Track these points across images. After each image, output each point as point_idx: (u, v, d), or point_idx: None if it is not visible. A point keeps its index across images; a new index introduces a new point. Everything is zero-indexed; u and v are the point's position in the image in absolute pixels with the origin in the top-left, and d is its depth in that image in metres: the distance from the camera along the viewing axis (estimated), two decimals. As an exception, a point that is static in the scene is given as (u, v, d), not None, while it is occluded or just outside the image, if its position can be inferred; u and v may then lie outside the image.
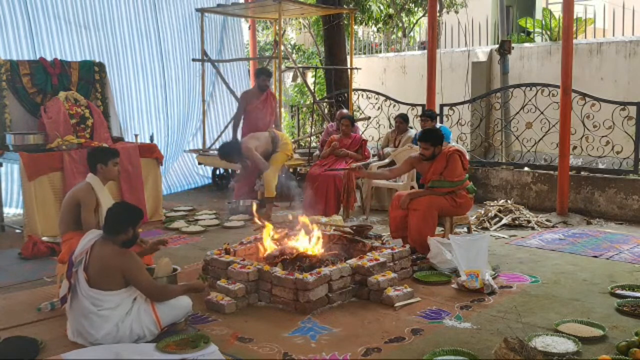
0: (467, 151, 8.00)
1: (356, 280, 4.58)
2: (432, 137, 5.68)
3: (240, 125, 8.36)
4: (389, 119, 10.18)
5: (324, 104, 10.91)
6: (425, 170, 5.75)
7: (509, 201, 7.50)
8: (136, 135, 7.56)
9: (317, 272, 4.36)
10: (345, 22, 11.50)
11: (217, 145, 9.85)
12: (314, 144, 10.16)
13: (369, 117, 10.51)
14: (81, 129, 7.00)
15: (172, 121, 9.45)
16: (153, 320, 3.79)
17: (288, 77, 13.45)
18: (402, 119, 8.31)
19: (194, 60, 9.57)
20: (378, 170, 6.45)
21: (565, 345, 3.59)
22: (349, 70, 10.66)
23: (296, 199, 7.73)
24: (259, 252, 5.11)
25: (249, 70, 10.96)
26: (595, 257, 5.64)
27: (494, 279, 4.83)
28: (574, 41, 8.04)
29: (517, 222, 6.96)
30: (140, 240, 4.69)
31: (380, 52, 15.26)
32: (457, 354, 3.51)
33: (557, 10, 12.54)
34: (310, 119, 11.27)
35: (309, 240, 5.03)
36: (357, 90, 10.96)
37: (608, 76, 10.07)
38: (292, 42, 16.02)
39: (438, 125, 7.94)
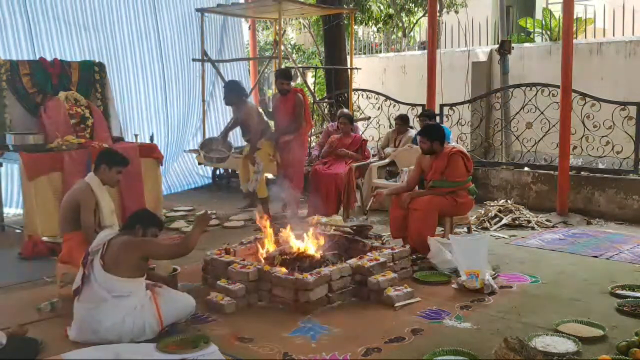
0: (467, 151, 8.00)
1: (356, 280, 4.58)
2: (428, 131, 5.72)
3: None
4: (389, 119, 10.18)
5: (324, 104, 10.91)
6: (427, 169, 5.75)
7: (509, 201, 7.50)
8: (136, 135, 7.55)
9: (317, 272, 4.36)
10: (345, 22, 11.50)
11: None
12: (313, 144, 10.15)
13: (369, 117, 10.51)
14: (81, 129, 6.98)
15: (172, 121, 9.45)
16: (155, 317, 3.80)
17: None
18: (402, 121, 8.29)
19: (194, 60, 9.56)
20: (395, 185, 6.36)
21: (565, 345, 3.59)
22: (349, 70, 10.66)
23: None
24: (259, 253, 5.11)
25: (249, 70, 10.96)
26: (595, 257, 5.64)
27: (494, 279, 4.83)
28: (574, 41, 8.03)
29: (517, 222, 6.96)
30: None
31: (380, 52, 15.26)
32: (457, 354, 3.52)
33: (557, 10, 12.54)
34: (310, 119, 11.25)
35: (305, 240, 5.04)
36: (357, 90, 10.95)
37: (608, 76, 10.06)
38: (292, 42, 16.03)
39: (438, 125, 7.93)
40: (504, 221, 6.96)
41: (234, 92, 7.46)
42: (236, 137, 8.70)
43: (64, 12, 8.05)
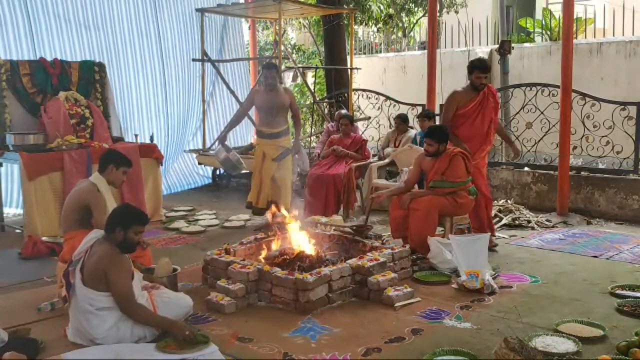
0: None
1: (356, 280, 4.58)
2: (436, 133, 5.68)
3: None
4: (389, 119, 10.18)
5: (324, 104, 10.91)
6: (428, 169, 5.74)
7: (509, 201, 7.50)
8: (136, 135, 7.56)
9: (317, 272, 4.36)
10: (345, 22, 11.49)
11: (217, 145, 9.85)
12: (313, 144, 10.15)
13: (369, 117, 10.51)
14: (81, 129, 7.00)
15: (172, 121, 9.45)
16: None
17: (288, 77, 13.44)
18: (401, 120, 8.31)
19: (194, 60, 9.57)
20: (394, 186, 6.23)
21: (565, 345, 3.59)
22: (349, 70, 10.66)
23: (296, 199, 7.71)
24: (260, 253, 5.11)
25: (249, 70, 10.96)
26: (595, 257, 5.64)
27: (494, 279, 4.83)
28: (574, 41, 8.04)
29: (517, 222, 6.96)
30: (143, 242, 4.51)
31: (380, 52, 15.27)
32: (457, 354, 3.51)
33: (557, 10, 12.56)
34: (310, 119, 11.27)
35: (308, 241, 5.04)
36: (357, 90, 10.96)
37: (608, 76, 10.07)
38: (292, 42, 16.02)
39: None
40: (504, 221, 6.96)
41: (278, 71, 6.71)
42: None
43: (64, 10, 8.05)
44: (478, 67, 5.89)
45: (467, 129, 5.90)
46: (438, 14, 13.10)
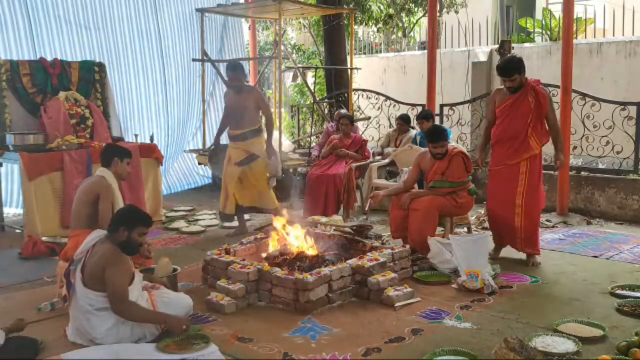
0: (468, 151, 7.99)
1: (356, 280, 4.58)
2: (441, 135, 5.64)
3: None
4: (389, 119, 10.19)
5: (324, 104, 10.91)
6: (428, 169, 5.74)
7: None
8: (136, 135, 7.56)
9: (317, 272, 4.37)
10: (345, 22, 11.50)
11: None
12: (313, 144, 10.16)
13: (369, 117, 10.51)
14: (81, 129, 7.00)
15: (172, 121, 9.45)
16: (153, 320, 3.78)
17: (288, 77, 13.45)
18: (403, 120, 8.32)
19: (194, 60, 9.57)
20: (393, 186, 6.23)
21: (565, 345, 3.59)
22: (349, 70, 10.66)
23: (296, 199, 7.72)
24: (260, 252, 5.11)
25: (249, 70, 10.96)
26: (595, 257, 5.64)
27: (494, 279, 4.83)
28: (574, 41, 8.04)
29: (517, 222, 6.94)
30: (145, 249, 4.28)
31: (380, 52, 15.27)
32: (457, 354, 3.51)
33: (557, 10, 12.56)
34: (310, 119, 11.27)
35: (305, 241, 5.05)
36: (357, 90, 10.96)
37: (608, 76, 10.06)
38: (292, 42, 16.02)
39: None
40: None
41: (243, 71, 6.52)
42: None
43: (64, 11, 8.05)
44: (498, 69, 5.44)
45: (494, 129, 5.55)
46: (438, 14, 13.10)
